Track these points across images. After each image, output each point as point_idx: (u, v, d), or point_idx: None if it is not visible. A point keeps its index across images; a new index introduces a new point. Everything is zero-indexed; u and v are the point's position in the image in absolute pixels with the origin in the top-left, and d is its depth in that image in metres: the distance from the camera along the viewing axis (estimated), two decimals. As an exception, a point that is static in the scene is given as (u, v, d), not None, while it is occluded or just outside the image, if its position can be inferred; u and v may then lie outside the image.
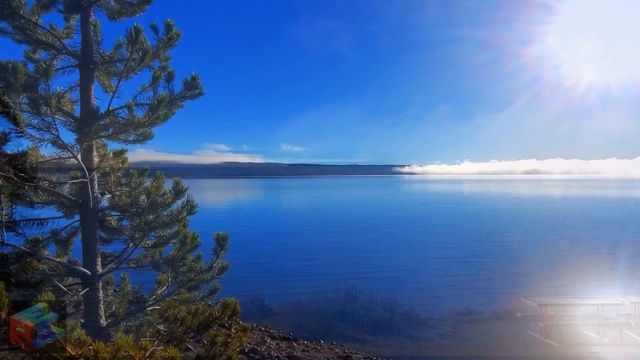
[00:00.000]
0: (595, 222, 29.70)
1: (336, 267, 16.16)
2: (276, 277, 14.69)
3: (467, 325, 10.11)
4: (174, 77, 3.92)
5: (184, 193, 3.77)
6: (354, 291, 12.83)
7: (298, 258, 17.95)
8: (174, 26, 3.96)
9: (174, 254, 3.86)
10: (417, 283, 13.80)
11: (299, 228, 28.32)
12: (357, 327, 10.02)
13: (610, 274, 14.70)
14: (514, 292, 12.54)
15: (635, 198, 57.16)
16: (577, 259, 17.00)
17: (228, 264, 4.13)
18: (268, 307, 11.64)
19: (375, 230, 26.47)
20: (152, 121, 3.33)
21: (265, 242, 22.59)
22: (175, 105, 3.95)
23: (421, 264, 16.57)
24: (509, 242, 21.33)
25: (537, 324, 9.45)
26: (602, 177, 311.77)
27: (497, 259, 17.22)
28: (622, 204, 46.64)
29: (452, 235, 23.94)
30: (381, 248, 20.14)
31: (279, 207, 47.56)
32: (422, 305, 11.54)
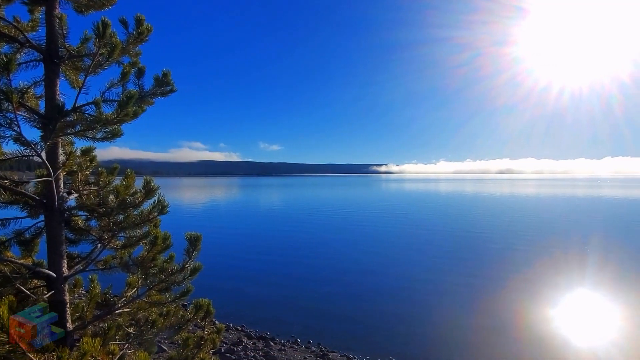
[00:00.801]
0: (547, 221, 30.64)
1: (315, 265, 16.18)
2: (254, 276, 14.60)
3: (441, 324, 10.25)
4: (145, 73, 3.82)
5: (154, 192, 3.67)
6: (332, 289, 12.88)
7: (276, 256, 17.90)
8: (145, 21, 3.86)
9: (144, 255, 3.76)
10: (395, 279, 13.93)
11: (276, 226, 28.26)
12: (335, 325, 10.03)
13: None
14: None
15: (593, 197, 59.20)
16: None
17: (201, 264, 4.05)
18: (245, 306, 11.56)
19: (351, 229, 26.59)
20: (121, 118, 3.23)
21: (242, 240, 22.45)
22: (145, 102, 3.85)
23: (396, 262, 16.74)
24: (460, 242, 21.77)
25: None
26: (571, 176, 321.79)
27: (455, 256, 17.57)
28: (580, 203, 48.22)
29: (430, 234, 24.32)
30: (358, 246, 20.25)
31: (257, 206, 47.33)
32: (400, 302, 11.66)
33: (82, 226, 3.98)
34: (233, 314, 10.86)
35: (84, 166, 4.09)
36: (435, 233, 24.15)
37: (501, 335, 9.35)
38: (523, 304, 11.40)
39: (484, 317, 10.46)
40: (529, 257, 17.10)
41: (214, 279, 13.92)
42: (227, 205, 47.88)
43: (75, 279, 4.41)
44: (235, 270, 15.46)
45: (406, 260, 16.74)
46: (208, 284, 13.18)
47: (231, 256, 18.05)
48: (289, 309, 11.25)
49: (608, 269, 15.11)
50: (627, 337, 9.30)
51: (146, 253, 3.75)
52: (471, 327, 9.88)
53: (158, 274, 3.87)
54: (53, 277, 3.37)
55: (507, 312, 10.80)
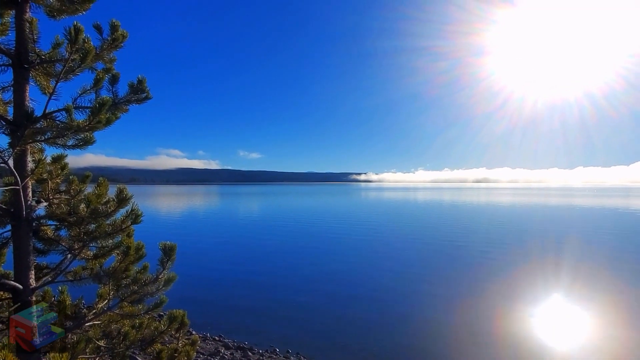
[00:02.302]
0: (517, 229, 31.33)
1: (293, 274, 16.08)
2: (232, 286, 14.42)
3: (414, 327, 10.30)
4: (119, 79, 3.75)
5: (127, 201, 3.59)
6: (310, 298, 12.82)
7: (254, 265, 17.72)
8: (121, 27, 3.80)
9: (116, 265, 3.66)
10: (372, 288, 13.95)
11: (254, 235, 28.02)
12: (314, 335, 9.96)
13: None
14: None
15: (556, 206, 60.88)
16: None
17: (175, 275, 3.96)
18: (223, 316, 11.38)
19: (329, 237, 26.60)
20: (93, 125, 3.15)
21: (219, 249, 22.17)
22: (119, 109, 3.78)
23: (374, 271, 16.79)
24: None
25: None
26: (545, 186, 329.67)
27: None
28: (554, 212, 49.49)
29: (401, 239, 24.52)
30: (335, 255, 20.26)
31: (235, 214, 46.91)
32: (378, 311, 11.67)
33: (52, 236, 3.86)
34: (210, 324, 10.67)
35: (54, 174, 3.98)
36: (413, 242, 24.33)
37: (478, 344, 9.43)
38: (500, 311, 11.55)
39: (463, 325, 10.54)
40: (504, 265, 17.38)
41: (191, 289, 13.68)
42: (204, 214, 47.28)
43: (44, 290, 4.27)
44: (213, 280, 15.23)
45: (384, 269, 16.79)
46: (184, 294, 12.95)
47: (208, 265, 17.77)
48: (267, 318, 11.12)
49: (581, 276, 15.47)
50: (601, 340, 9.52)
51: (118, 263, 3.65)
52: (449, 335, 9.94)
53: (131, 285, 3.78)
54: (19, 288, 3.25)
55: (485, 319, 10.91)
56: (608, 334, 9.93)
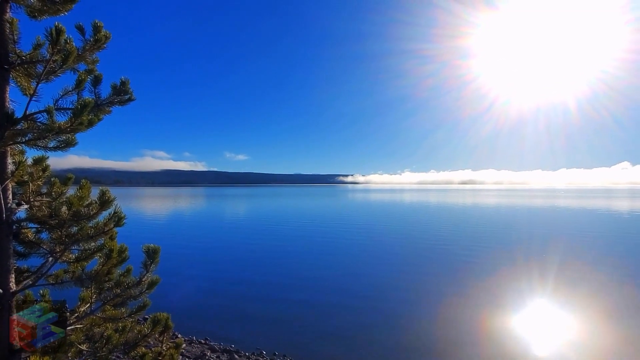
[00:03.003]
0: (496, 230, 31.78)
1: (279, 276, 16.05)
2: (218, 288, 14.33)
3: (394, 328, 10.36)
4: (102, 81, 3.72)
5: (110, 204, 3.56)
6: (297, 300, 12.80)
7: (239, 268, 17.65)
8: (103, 27, 3.77)
9: (99, 268, 3.63)
10: (359, 289, 14.00)
11: (240, 237, 27.90)
12: (301, 337, 9.95)
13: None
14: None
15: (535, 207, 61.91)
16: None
17: (159, 278, 3.94)
18: (209, 318, 11.32)
19: (315, 239, 26.62)
20: (75, 127, 3.12)
21: (205, 251, 22.02)
22: (102, 111, 3.75)
23: (360, 272, 16.86)
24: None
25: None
26: (529, 187, 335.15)
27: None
28: (538, 213, 50.25)
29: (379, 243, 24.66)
30: (322, 257, 20.29)
31: (221, 217, 46.62)
32: (365, 312, 11.71)
33: (33, 239, 3.80)
34: (196, 327, 10.59)
35: (35, 176, 3.92)
36: (399, 243, 24.49)
37: (464, 343, 9.54)
38: (484, 311, 11.68)
39: (449, 325, 10.63)
40: (489, 267, 17.59)
41: (177, 292, 13.57)
42: (190, 216, 46.86)
43: (24, 294, 4.20)
44: (199, 283, 15.11)
45: (370, 271, 16.84)
46: (170, 297, 12.85)
47: (194, 268, 17.63)
48: (254, 321, 11.08)
49: (563, 275, 15.73)
50: (584, 340, 9.69)
51: (101, 266, 3.62)
52: (436, 335, 10.01)
53: (113, 288, 3.74)
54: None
55: (470, 320, 11.02)
56: (589, 333, 10.13)
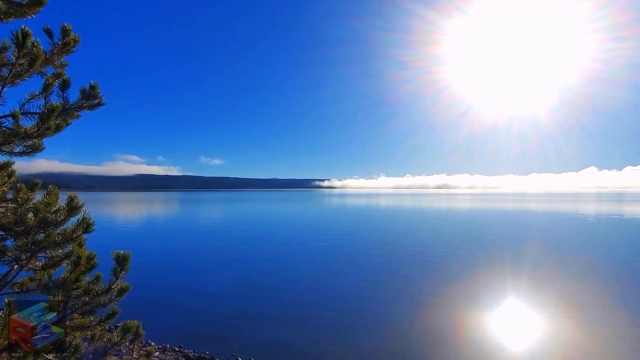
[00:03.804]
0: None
1: (254, 281, 15.96)
2: (192, 295, 14.13)
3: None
4: (70, 85, 3.66)
5: (79, 210, 3.49)
6: (271, 305, 12.75)
7: (213, 273, 17.46)
8: (72, 31, 3.71)
9: (66, 276, 3.55)
10: (334, 293, 14.05)
11: (214, 242, 27.59)
12: (277, 343, 9.91)
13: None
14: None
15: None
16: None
17: (129, 285, 3.88)
18: (183, 325, 11.14)
19: (290, 243, 26.60)
20: (42, 132, 3.06)
21: (179, 257, 21.70)
22: (70, 115, 3.68)
23: (336, 275, 16.92)
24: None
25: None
26: (501, 191, 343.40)
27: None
28: (511, 217, 51.50)
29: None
30: (297, 261, 20.29)
31: (195, 222, 45.98)
32: (341, 316, 11.76)
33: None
34: (170, 335, 10.40)
35: (0, 182, 3.82)
36: (375, 247, 24.69)
37: (443, 343, 9.69)
38: (463, 312, 11.90)
39: (428, 326, 10.77)
40: (465, 268, 17.93)
41: (151, 299, 13.32)
42: (163, 222, 46.02)
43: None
44: (173, 289, 14.86)
45: (346, 275, 16.91)
46: (143, 304, 12.60)
47: (168, 275, 17.34)
48: (229, 327, 10.97)
49: (537, 276, 16.17)
50: (555, 337, 9.99)
51: (68, 274, 3.54)
52: (415, 337, 10.11)
53: (82, 296, 3.67)
54: (-40, 302, 3.10)
55: (449, 320, 11.20)
56: (561, 330, 10.45)
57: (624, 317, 11.25)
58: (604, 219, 45.01)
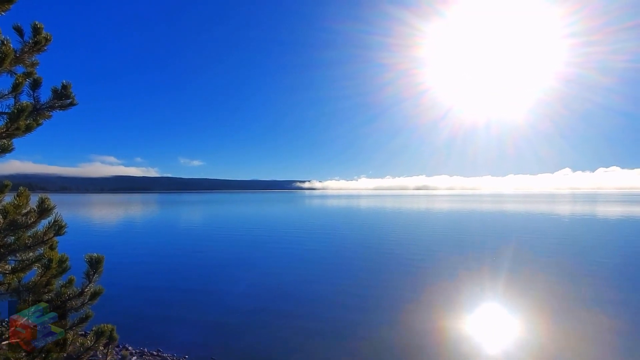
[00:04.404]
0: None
1: (233, 283, 15.84)
2: (170, 297, 13.92)
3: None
4: (41, 84, 3.58)
5: (50, 212, 3.41)
6: (251, 307, 12.68)
7: (192, 276, 17.24)
8: (44, 29, 3.63)
9: (37, 279, 3.47)
10: (315, 296, 14.06)
11: (193, 244, 27.23)
12: (258, 346, 9.85)
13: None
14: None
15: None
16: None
17: (102, 288, 3.81)
18: (161, 329, 10.97)
19: (270, 245, 26.50)
20: (12, 132, 2.99)
21: (156, 259, 21.36)
22: (42, 115, 3.60)
23: (316, 278, 16.94)
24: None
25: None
26: (479, 192, 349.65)
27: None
28: (488, 218, 52.43)
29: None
30: (277, 263, 20.24)
31: (173, 223, 45.32)
32: (322, 319, 11.77)
33: (-37, 250, 3.59)
34: (148, 338, 10.21)
35: (-32, 183, 3.70)
36: (354, 249, 24.72)
37: (422, 346, 9.79)
38: (441, 313, 12.05)
39: (406, 329, 10.84)
40: (443, 269, 18.18)
41: (128, 302, 13.07)
42: (141, 224, 45.17)
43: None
44: (150, 292, 14.62)
45: (324, 276, 16.92)
46: (120, 307, 12.38)
47: (146, 277, 17.04)
48: (208, 330, 10.83)
49: (514, 276, 16.50)
50: (533, 336, 10.21)
51: (39, 277, 3.46)
52: (393, 340, 10.18)
53: (54, 299, 3.59)
54: None
55: (427, 322, 11.28)
56: (538, 330, 10.70)
57: (595, 317, 11.56)
58: (578, 219, 46.29)
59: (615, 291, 14.19)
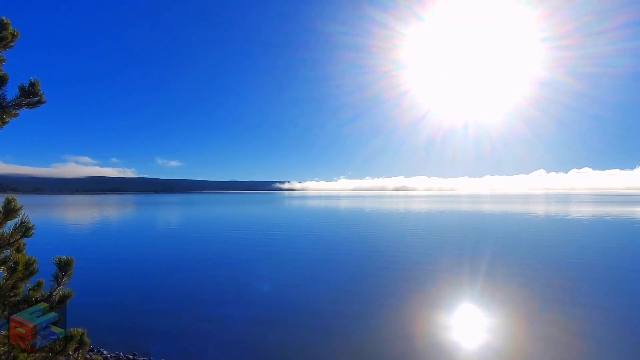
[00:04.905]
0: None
1: (210, 286, 15.67)
2: (147, 301, 13.66)
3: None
4: (7, 81, 3.46)
5: (16, 213, 3.30)
6: (230, 312, 12.55)
7: (170, 279, 16.95)
8: (10, 25, 3.52)
9: (3, 283, 3.35)
10: (296, 299, 14.03)
11: (170, 247, 26.76)
12: (234, 350, 9.76)
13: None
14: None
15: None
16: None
17: (71, 291, 3.71)
18: (138, 332, 10.75)
19: (248, 247, 26.34)
20: (-25, 131, 2.88)
21: (135, 261, 20.96)
22: (8, 114, 3.48)
23: (297, 281, 16.90)
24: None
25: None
26: (457, 193, 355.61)
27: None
28: (466, 218, 53.32)
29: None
30: (256, 265, 20.12)
31: (148, 225, 44.51)
32: (303, 324, 11.73)
33: None
34: (123, 342, 9.99)
35: None
36: (332, 251, 24.65)
37: (400, 349, 9.87)
38: (421, 314, 12.17)
39: (386, 333, 10.89)
40: (422, 269, 18.37)
41: (102, 306, 12.78)
42: (115, 225, 44.15)
43: None
44: (126, 295, 14.29)
45: (301, 280, 16.85)
46: (94, 311, 12.10)
47: (119, 280, 16.64)
48: (184, 334, 10.67)
49: (492, 276, 16.78)
50: (510, 336, 10.41)
51: (5, 281, 3.35)
52: (371, 344, 10.25)
53: (20, 303, 3.47)
54: None
55: (404, 327, 11.32)
56: (516, 329, 10.91)
57: (567, 318, 11.84)
58: (552, 220, 47.52)
59: (588, 291, 14.59)
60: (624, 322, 11.26)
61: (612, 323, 11.18)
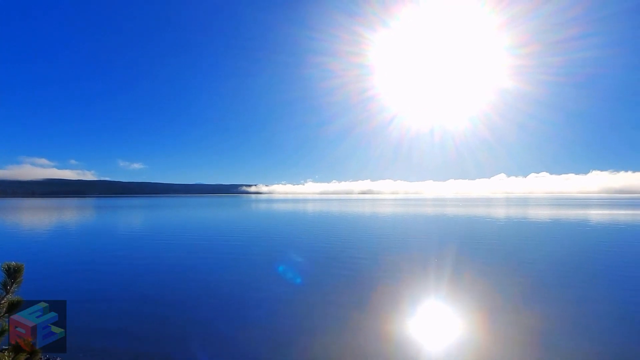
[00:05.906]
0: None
1: (181, 291, 15.27)
2: (111, 307, 13.12)
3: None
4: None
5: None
6: (199, 315, 12.26)
7: (133, 284, 16.39)
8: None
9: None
10: (266, 304, 13.86)
11: (129, 252, 25.90)
12: (214, 355, 9.51)
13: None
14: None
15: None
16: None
17: (21, 299, 3.47)
18: (100, 340, 10.27)
19: (214, 252, 25.92)
20: None
21: (95, 267, 20.13)
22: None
23: (264, 285, 16.74)
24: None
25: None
26: (422, 196, 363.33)
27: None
28: (432, 221, 54.45)
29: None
30: (225, 270, 19.81)
31: (111, 230, 43.02)
32: (276, 329, 11.59)
33: None
34: (83, 351, 9.55)
35: None
36: (298, 254, 24.51)
37: (367, 352, 9.88)
38: (385, 317, 12.23)
39: (351, 336, 10.92)
40: (386, 273, 18.53)
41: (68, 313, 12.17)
42: (73, 230, 42.31)
43: None
44: (87, 302, 13.68)
45: (264, 284, 16.64)
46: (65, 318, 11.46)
47: (75, 286, 15.97)
48: (146, 340, 10.32)
49: (457, 278, 17.14)
50: (476, 337, 10.61)
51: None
52: (339, 348, 10.23)
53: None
54: None
55: (372, 327, 11.36)
56: (482, 330, 11.14)
57: (527, 317, 12.25)
58: (512, 222, 49.24)
59: (546, 290, 15.14)
60: (581, 318, 11.77)
61: (572, 319, 11.67)
